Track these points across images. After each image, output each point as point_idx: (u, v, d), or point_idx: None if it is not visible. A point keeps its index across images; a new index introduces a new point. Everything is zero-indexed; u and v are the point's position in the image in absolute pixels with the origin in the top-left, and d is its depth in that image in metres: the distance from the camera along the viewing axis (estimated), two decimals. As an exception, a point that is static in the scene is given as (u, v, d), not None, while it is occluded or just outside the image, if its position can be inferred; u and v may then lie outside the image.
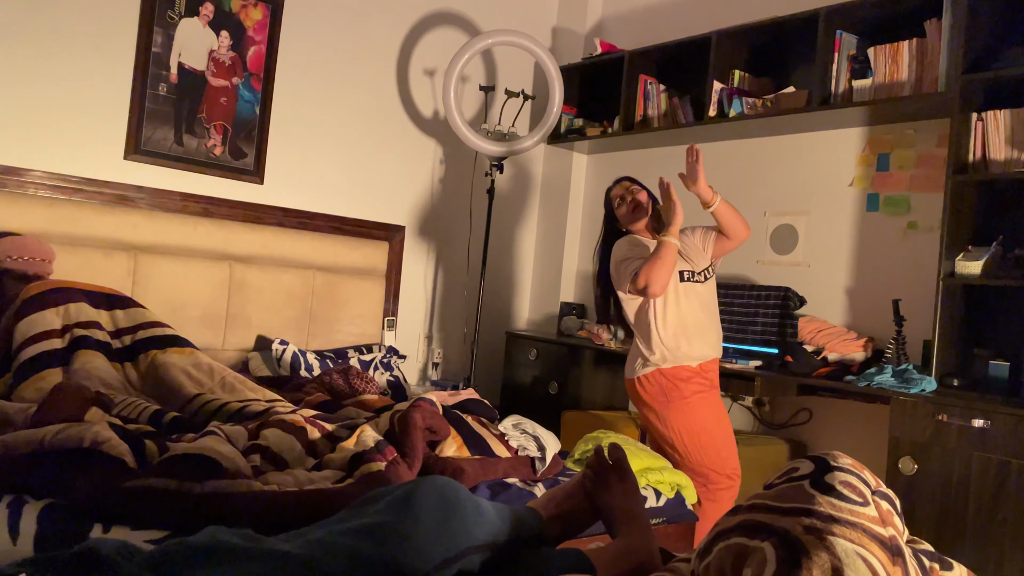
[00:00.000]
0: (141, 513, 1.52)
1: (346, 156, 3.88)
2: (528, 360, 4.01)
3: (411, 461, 1.90)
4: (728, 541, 0.97)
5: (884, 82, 3.02)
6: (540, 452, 2.22)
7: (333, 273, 3.68)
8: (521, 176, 4.54)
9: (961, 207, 2.75)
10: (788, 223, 3.53)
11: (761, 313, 3.24)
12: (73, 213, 3.01)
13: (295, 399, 2.63)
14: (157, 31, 3.27)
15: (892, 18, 3.07)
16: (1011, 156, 2.68)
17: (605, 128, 4.15)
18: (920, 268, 3.02)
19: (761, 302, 3.26)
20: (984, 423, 2.38)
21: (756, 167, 3.69)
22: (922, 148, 3.12)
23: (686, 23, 3.94)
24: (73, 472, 1.59)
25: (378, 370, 3.44)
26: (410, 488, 1.24)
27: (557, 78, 3.81)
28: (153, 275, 3.16)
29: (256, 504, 1.58)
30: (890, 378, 2.71)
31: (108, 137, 3.20)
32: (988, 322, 2.80)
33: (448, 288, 4.26)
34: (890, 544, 0.93)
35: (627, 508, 1.46)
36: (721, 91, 3.54)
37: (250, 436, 1.95)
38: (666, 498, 2.25)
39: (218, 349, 3.29)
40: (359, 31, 3.88)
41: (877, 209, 3.24)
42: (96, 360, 2.46)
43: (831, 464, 1.01)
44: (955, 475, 2.44)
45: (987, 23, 2.79)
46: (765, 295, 3.26)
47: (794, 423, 3.37)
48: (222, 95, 3.46)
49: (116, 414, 2.08)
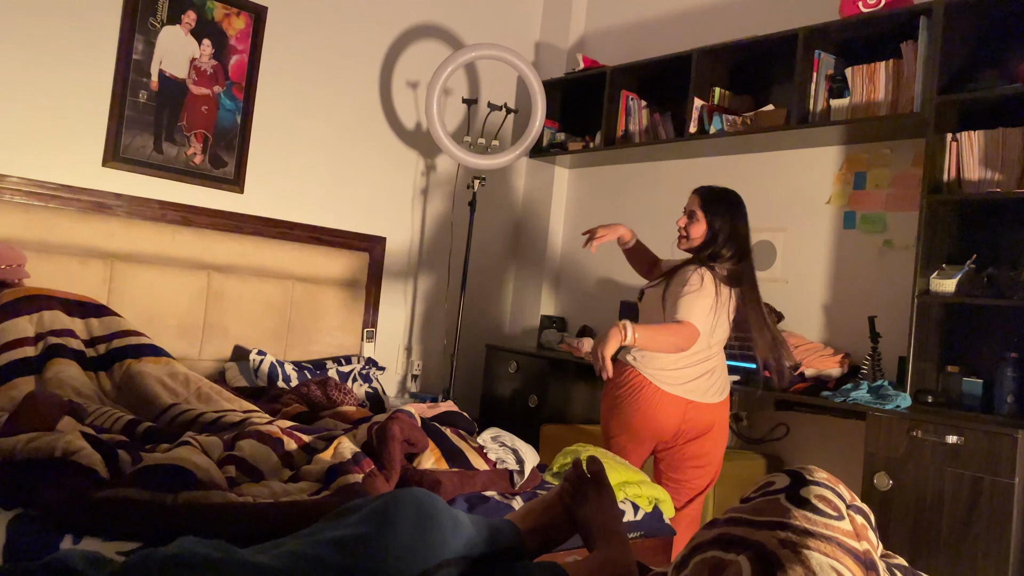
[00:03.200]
0: (113, 524, 1.50)
1: (327, 166, 3.87)
2: (508, 373, 4.00)
3: (389, 473, 1.89)
4: (704, 555, 0.97)
5: (861, 102, 3.06)
6: (519, 465, 2.22)
7: (312, 283, 3.66)
8: (503, 189, 4.56)
9: (936, 226, 2.79)
10: (767, 239, 3.56)
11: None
12: (49, 220, 2.98)
13: (272, 410, 2.61)
14: (138, 38, 3.25)
15: (869, 39, 3.12)
16: (984, 176, 2.73)
17: (587, 143, 4.17)
18: (896, 286, 3.06)
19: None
20: (957, 439, 2.41)
21: (735, 184, 3.68)
22: (898, 167, 3.16)
23: (667, 40, 3.98)
24: (44, 482, 1.57)
25: (357, 381, 3.43)
26: (387, 500, 1.23)
27: (540, 92, 3.83)
28: (130, 284, 3.12)
29: (230, 515, 1.56)
30: (866, 394, 2.74)
31: (86, 144, 3.17)
32: (962, 340, 2.83)
33: (428, 300, 4.25)
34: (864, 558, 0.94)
35: (605, 521, 1.46)
36: (701, 108, 3.58)
37: (225, 447, 1.93)
38: (644, 512, 2.25)
39: (195, 359, 3.26)
40: (342, 42, 3.88)
41: (854, 227, 3.27)
42: (70, 369, 2.43)
43: (807, 478, 1.02)
44: (929, 491, 2.46)
45: (962, 46, 2.85)
46: (744, 310, 3.27)
47: (772, 438, 3.39)
48: (203, 103, 3.44)
49: (89, 424, 2.05)
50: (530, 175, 4.64)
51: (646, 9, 4.25)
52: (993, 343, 2.71)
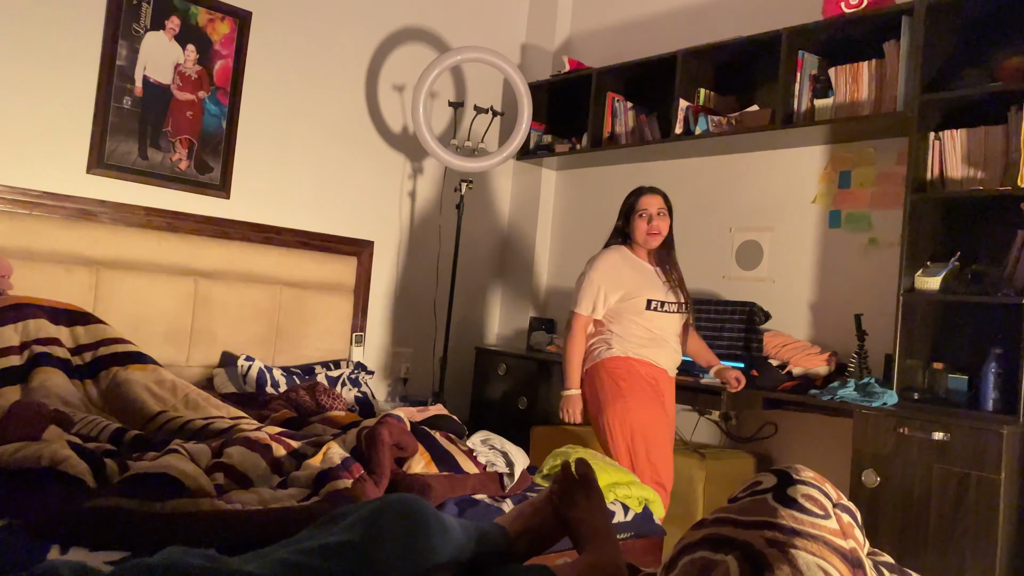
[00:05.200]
0: (100, 533, 1.49)
1: (314, 171, 3.86)
2: (497, 375, 4.00)
3: (378, 478, 1.89)
4: (693, 555, 0.98)
5: (845, 101, 3.08)
6: (508, 468, 2.22)
7: (300, 288, 3.65)
8: (490, 191, 4.56)
9: (920, 224, 2.81)
10: (753, 239, 3.58)
11: (727, 328, 3.28)
12: (33, 228, 2.96)
13: (260, 416, 2.60)
14: (122, 44, 3.23)
15: (852, 39, 3.14)
16: (967, 174, 2.75)
17: (573, 145, 4.18)
18: (881, 283, 3.08)
19: (727, 317, 3.30)
20: (944, 436, 2.43)
21: (721, 184, 3.74)
22: (882, 166, 3.18)
23: (653, 42, 4.00)
24: (30, 492, 1.56)
25: (345, 386, 3.42)
26: (375, 506, 1.23)
27: (526, 95, 3.83)
28: (115, 291, 3.10)
29: (219, 523, 1.55)
30: (853, 392, 2.76)
31: (70, 151, 3.15)
32: (947, 336, 2.86)
33: (417, 303, 4.25)
34: (851, 556, 0.94)
35: (594, 523, 1.47)
36: (687, 109, 3.59)
37: (214, 454, 1.92)
38: (634, 513, 2.26)
39: (182, 366, 3.24)
40: (328, 46, 3.87)
41: (839, 226, 3.29)
42: (55, 377, 2.41)
43: (793, 477, 1.03)
44: (916, 487, 2.48)
45: (944, 45, 2.87)
46: (731, 310, 3.30)
47: (760, 437, 3.40)
48: (188, 109, 3.43)
49: (76, 432, 2.04)
50: (517, 177, 4.64)
51: (631, 11, 4.27)
52: (978, 339, 2.73)
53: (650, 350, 2.79)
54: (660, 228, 2.82)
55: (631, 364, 2.77)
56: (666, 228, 2.85)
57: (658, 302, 2.80)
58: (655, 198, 2.85)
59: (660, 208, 2.84)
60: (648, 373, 2.78)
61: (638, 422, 2.71)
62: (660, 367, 2.81)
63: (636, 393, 2.73)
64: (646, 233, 2.83)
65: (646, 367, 2.78)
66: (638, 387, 2.75)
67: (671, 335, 2.85)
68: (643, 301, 2.79)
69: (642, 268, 2.86)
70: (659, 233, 2.83)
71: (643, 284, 2.82)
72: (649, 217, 2.82)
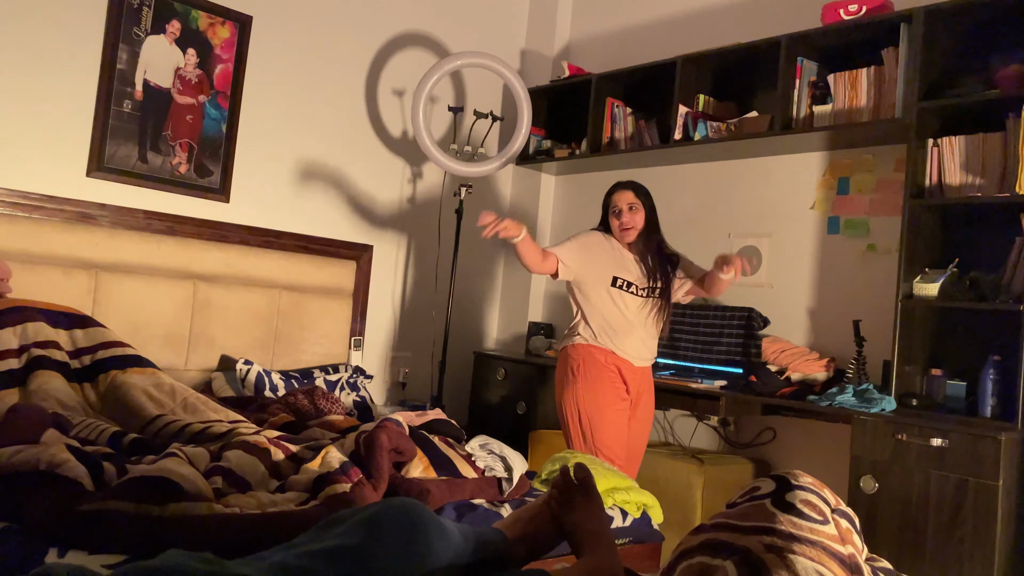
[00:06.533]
0: (98, 537, 1.49)
1: (314, 175, 3.86)
2: (496, 380, 4.00)
3: (376, 482, 1.88)
4: (691, 560, 0.98)
5: (843, 108, 3.09)
6: (507, 473, 2.22)
7: (299, 292, 3.65)
8: (490, 196, 4.56)
9: (918, 230, 2.82)
10: (752, 245, 3.58)
11: (726, 333, 3.28)
12: (33, 231, 2.96)
13: (259, 420, 2.59)
14: (122, 48, 3.24)
15: (851, 46, 3.15)
16: (965, 181, 2.76)
17: (573, 150, 4.19)
18: (879, 290, 3.08)
19: (726, 322, 3.30)
20: (942, 442, 2.43)
21: (720, 190, 3.75)
22: (880, 173, 3.19)
23: (652, 48, 4.00)
24: (29, 495, 1.56)
25: (344, 390, 3.42)
26: (374, 510, 1.23)
27: (525, 100, 3.84)
28: (114, 294, 3.10)
29: (217, 527, 1.55)
30: (851, 398, 2.76)
31: (70, 154, 3.15)
32: (945, 343, 2.86)
33: (416, 308, 4.25)
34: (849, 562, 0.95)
35: (592, 528, 1.47)
36: (686, 115, 3.60)
37: (212, 458, 1.92)
38: (632, 518, 2.26)
39: (181, 369, 3.24)
40: (328, 51, 3.88)
41: (838, 232, 3.30)
42: (54, 380, 2.41)
43: (792, 483, 1.03)
44: (914, 493, 2.48)
45: (942, 52, 2.88)
46: (730, 315, 3.30)
47: (758, 442, 3.40)
48: (188, 113, 3.43)
49: (74, 436, 2.04)
50: (517, 182, 4.65)
51: (631, 17, 4.28)
52: (976, 346, 2.74)
53: (613, 338, 2.81)
54: (632, 222, 2.84)
55: (591, 351, 2.81)
56: (639, 220, 2.86)
57: (624, 281, 2.82)
58: (625, 193, 2.88)
59: (630, 203, 2.86)
60: (607, 360, 2.80)
61: (584, 404, 2.76)
62: (623, 356, 2.82)
63: (589, 379, 2.78)
64: (619, 229, 2.87)
65: (605, 355, 2.80)
66: (592, 373, 2.79)
67: (640, 322, 2.85)
68: (610, 277, 2.82)
69: (620, 253, 2.89)
70: (632, 227, 2.85)
71: (614, 264, 2.85)
72: (620, 212, 2.86)
